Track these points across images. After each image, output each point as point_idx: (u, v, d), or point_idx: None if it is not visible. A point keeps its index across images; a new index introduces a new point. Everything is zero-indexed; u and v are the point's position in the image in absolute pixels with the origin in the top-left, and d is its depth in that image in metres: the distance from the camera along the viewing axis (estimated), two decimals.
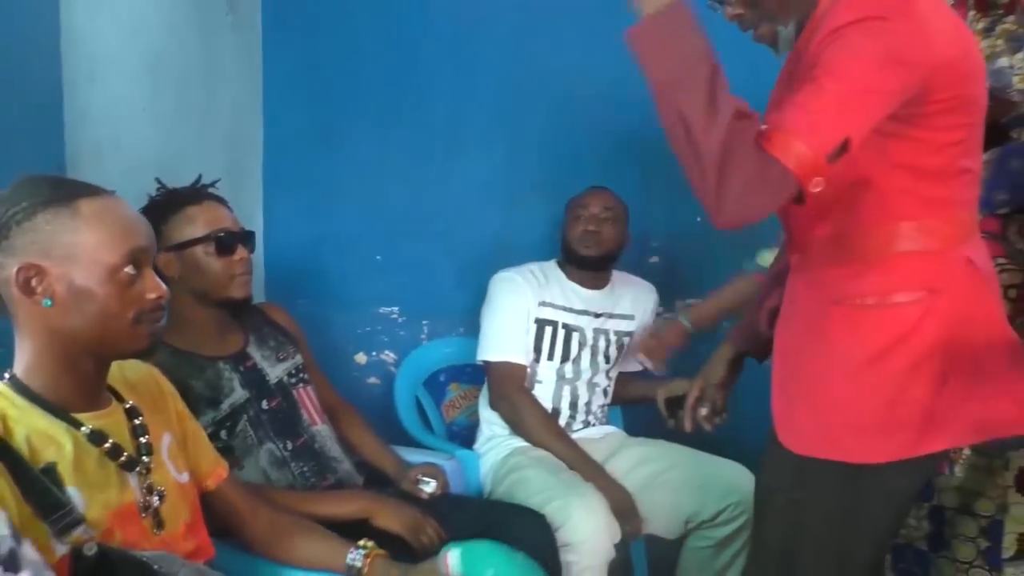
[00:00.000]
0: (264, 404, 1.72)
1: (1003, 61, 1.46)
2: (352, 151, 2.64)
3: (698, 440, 2.16)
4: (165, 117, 1.96)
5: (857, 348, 1.27)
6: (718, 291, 2.27)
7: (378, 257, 2.68)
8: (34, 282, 1.08)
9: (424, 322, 2.68)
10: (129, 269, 1.12)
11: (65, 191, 1.12)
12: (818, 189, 1.14)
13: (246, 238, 1.72)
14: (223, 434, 1.64)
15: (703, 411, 2.06)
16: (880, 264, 1.26)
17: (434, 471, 1.86)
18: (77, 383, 1.13)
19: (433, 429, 2.43)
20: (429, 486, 1.83)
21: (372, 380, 2.71)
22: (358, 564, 1.39)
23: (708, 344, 1.94)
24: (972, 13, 1.51)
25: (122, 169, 1.77)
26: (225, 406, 1.65)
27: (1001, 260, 1.49)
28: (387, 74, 2.62)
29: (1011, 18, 1.48)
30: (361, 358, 2.72)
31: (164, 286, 1.17)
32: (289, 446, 1.72)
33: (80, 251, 1.09)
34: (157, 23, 1.92)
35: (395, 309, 2.69)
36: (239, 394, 1.68)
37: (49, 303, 1.08)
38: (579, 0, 2.49)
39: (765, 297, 1.58)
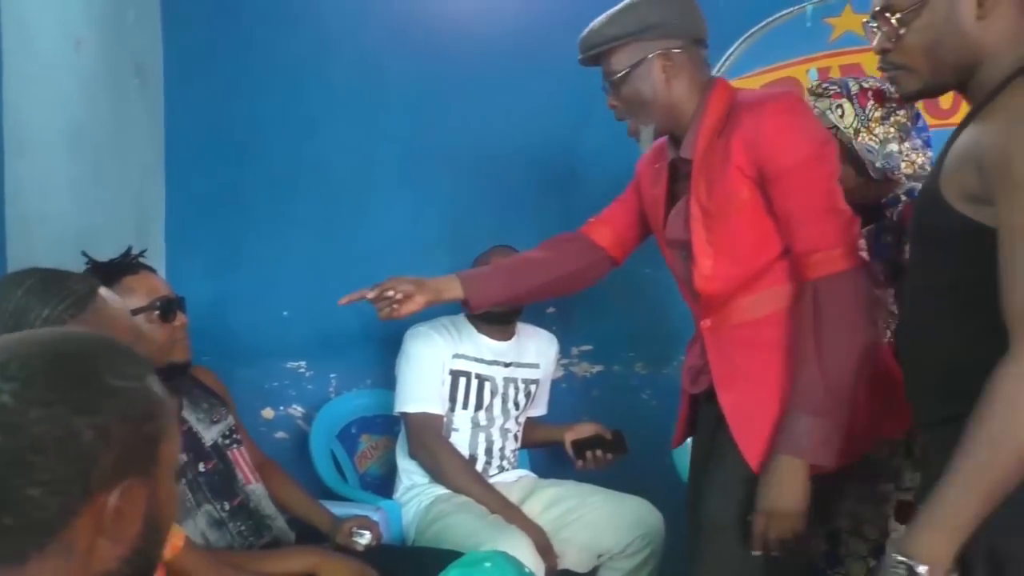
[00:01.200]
0: (201, 467, 1.76)
1: (893, 147, 1.70)
2: (256, 211, 2.70)
3: (603, 478, 2.36)
4: (84, 187, 1.98)
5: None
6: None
7: (285, 313, 2.73)
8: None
9: (332, 375, 2.75)
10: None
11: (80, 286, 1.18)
12: None
13: (181, 303, 1.78)
14: None
15: (606, 454, 2.26)
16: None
17: (367, 523, 1.94)
18: None
19: (347, 481, 2.50)
20: (364, 538, 1.91)
21: (280, 435, 2.74)
22: None
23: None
24: (872, 103, 1.72)
25: (48, 242, 1.78)
26: None
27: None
28: (290, 136, 2.69)
29: (903, 111, 1.73)
30: (268, 413, 2.75)
31: None
32: (226, 507, 1.77)
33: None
34: (76, 95, 1.95)
35: (302, 363, 2.75)
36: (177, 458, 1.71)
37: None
38: (480, 64, 2.67)
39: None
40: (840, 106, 1.72)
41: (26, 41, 1.69)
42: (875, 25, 1.23)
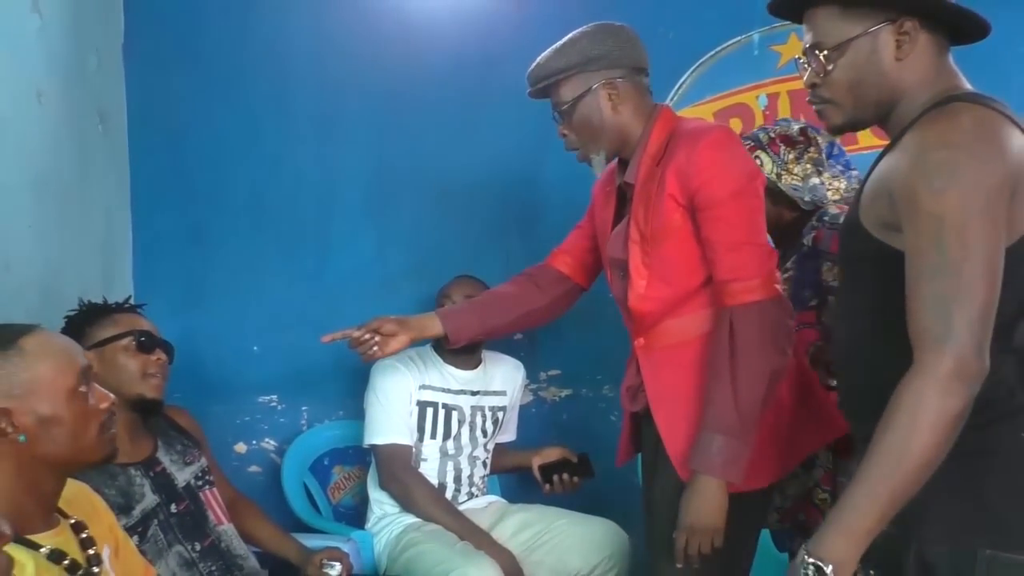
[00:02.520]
0: (173, 508, 1.79)
1: (814, 180, 1.86)
2: (222, 248, 2.73)
3: (571, 501, 2.41)
4: (48, 233, 2.01)
5: None
6: None
7: (255, 348, 2.77)
8: (3, 423, 1.17)
9: (303, 408, 2.78)
10: (83, 387, 1.24)
11: (2, 336, 1.22)
12: None
13: (166, 346, 1.85)
14: (135, 539, 1.69)
15: (573, 477, 2.31)
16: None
17: (338, 554, 1.98)
18: (36, 505, 1.22)
19: (321, 512, 2.53)
20: (334, 570, 1.94)
21: (253, 469, 2.77)
22: None
23: None
24: (782, 148, 1.90)
25: (10, 290, 1.81)
26: (136, 511, 1.72)
27: (818, 343, 1.83)
28: (253, 173, 2.74)
29: (812, 148, 1.87)
30: (241, 447, 2.77)
31: (110, 393, 1.30)
32: (197, 547, 1.80)
33: (39, 384, 1.20)
34: (39, 144, 1.98)
35: (274, 397, 2.78)
36: (150, 499, 1.75)
37: (24, 438, 1.18)
38: (439, 98, 2.73)
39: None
40: (758, 157, 1.88)
41: None
42: (805, 61, 1.31)
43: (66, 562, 1.21)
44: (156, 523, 1.75)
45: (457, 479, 2.40)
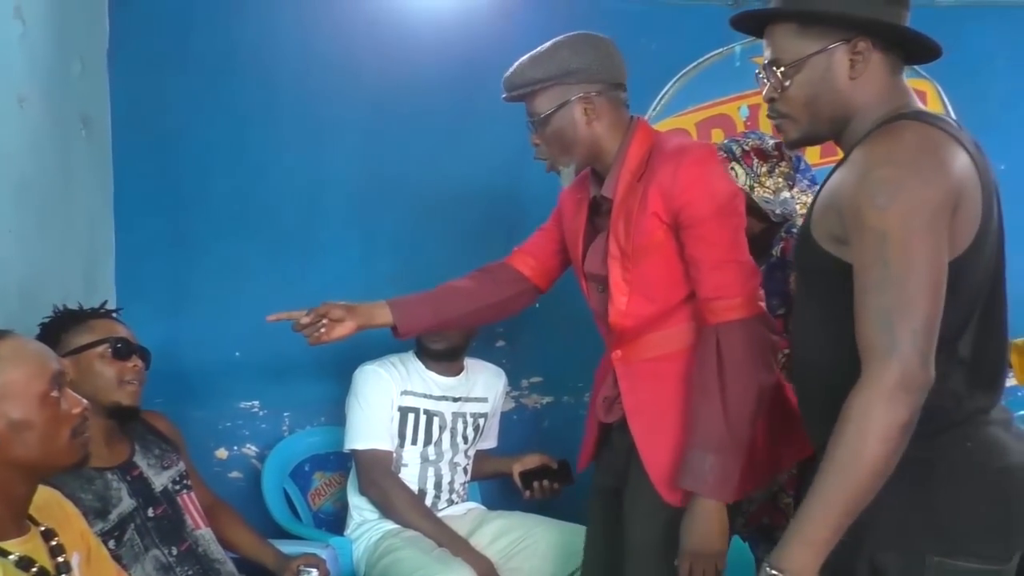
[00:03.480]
0: (150, 512, 1.80)
1: (785, 193, 1.90)
2: (206, 254, 2.74)
3: (551, 508, 2.42)
4: (29, 238, 2.01)
5: None
6: None
7: (237, 353, 2.77)
8: None
9: (285, 414, 2.79)
10: (55, 392, 1.25)
11: None
12: None
13: (142, 352, 1.85)
14: (111, 544, 1.70)
15: (553, 484, 2.33)
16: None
17: (315, 560, 1.99)
18: (6, 511, 1.22)
19: (301, 519, 2.53)
20: (311, 575, 1.95)
21: (234, 474, 2.77)
22: None
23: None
24: (756, 161, 1.93)
25: None
26: (113, 516, 1.72)
27: (787, 352, 1.85)
28: (238, 179, 2.74)
29: (783, 163, 1.90)
30: (222, 453, 2.78)
31: (83, 399, 1.30)
32: (174, 551, 1.81)
33: (10, 389, 1.21)
34: (21, 149, 1.98)
35: (256, 403, 2.78)
36: (127, 504, 1.75)
37: None
38: (424, 107, 2.75)
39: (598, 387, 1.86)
40: (732, 169, 1.91)
41: None
42: (764, 76, 1.34)
43: (34, 569, 1.21)
44: (133, 527, 1.75)
45: (437, 485, 2.40)
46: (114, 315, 1.91)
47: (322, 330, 1.82)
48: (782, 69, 1.29)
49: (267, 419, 2.78)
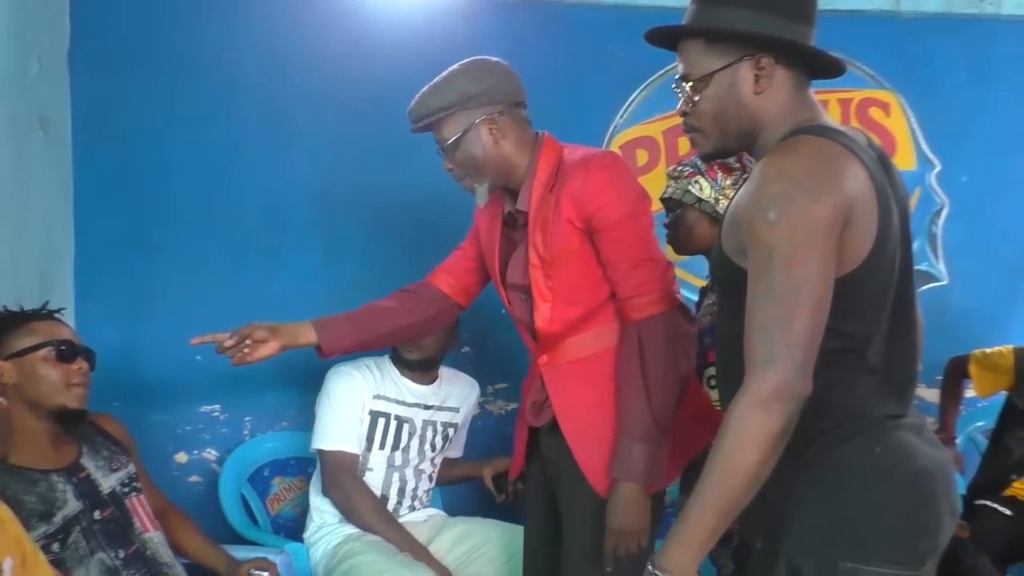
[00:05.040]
0: (97, 514, 1.77)
1: None
2: (167, 256, 2.71)
3: (515, 514, 2.40)
4: None
5: None
6: None
7: (198, 357, 2.72)
8: None
9: (247, 418, 2.76)
10: None
11: None
12: None
13: (87, 353, 1.82)
14: (55, 547, 1.67)
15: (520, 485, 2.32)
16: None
17: (265, 564, 1.97)
18: None
19: (259, 523, 2.51)
20: None
21: (194, 479, 2.74)
22: None
23: None
24: (720, 174, 1.98)
25: None
26: (58, 518, 1.69)
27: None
28: (200, 181, 2.73)
29: (747, 175, 1.91)
30: (182, 457, 2.74)
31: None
32: (121, 555, 1.78)
33: None
34: None
35: (217, 407, 2.76)
36: (72, 506, 1.73)
37: None
38: (388, 110, 2.71)
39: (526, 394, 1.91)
40: (697, 182, 1.98)
41: None
42: (677, 91, 1.36)
43: None
44: (79, 529, 1.72)
45: (401, 491, 2.39)
46: (56, 316, 1.87)
47: (246, 351, 1.82)
48: (691, 84, 1.31)
49: (228, 423, 2.76)
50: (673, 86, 1.37)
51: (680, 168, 2.04)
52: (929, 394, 2.86)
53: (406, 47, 2.76)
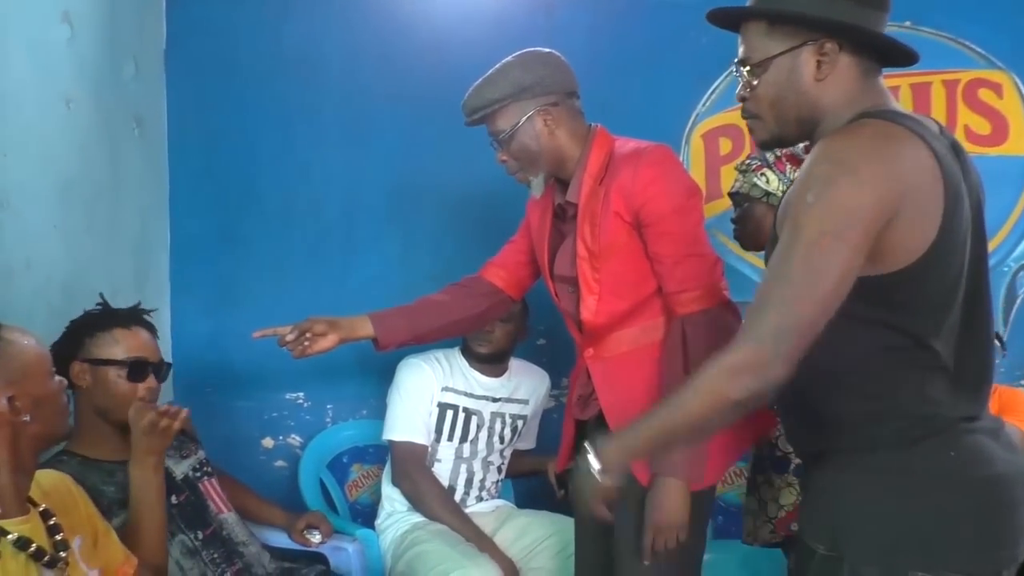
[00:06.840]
0: (173, 499, 1.86)
1: None
2: (253, 250, 2.83)
3: None
4: (75, 234, 2.11)
5: None
6: None
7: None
8: (17, 406, 1.27)
9: (328, 406, 2.85)
10: (53, 368, 1.38)
11: None
12: None
13: (160, 369, 1.84)
14: None
15: None
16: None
17: (318, 519, 2.13)
18: (15, 489, 1.29)
19: (337, 509, 2.59)
20: (315, 536, 2.13)
21: (279, 463, 2.85)
22: None
23: None
24: (788, 166, 1.92)
25: (33, 288, 1.89)
26: None
27: None
28: (283, 178, 2.83)
29: None
30: (268, 442, 2.86)
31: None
32: (200, 536, 1.88)
33: (30, 369, 1.32)
34: (67, 149, 2.08)
35: (300, 395, 2.86)
36: None
37: (28, 419, 1.29)
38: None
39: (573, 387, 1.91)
40: (764, 175, 1.94)
41: (11, 101, 1.82)
42: (737, 75, 1.31)
43: (32, 549, 1.28)
44: None
45: (468, 482, 2.42)
46: (144, 318, 1.88)
47: (306, 343, 1.88)
48: (749, 68, 1.27)
49: (311, 411, 2.86)
50: (733, 70, 1.33)
51: (748, 161, 2.00)
52: None
53: (486, 44, 2.73)
